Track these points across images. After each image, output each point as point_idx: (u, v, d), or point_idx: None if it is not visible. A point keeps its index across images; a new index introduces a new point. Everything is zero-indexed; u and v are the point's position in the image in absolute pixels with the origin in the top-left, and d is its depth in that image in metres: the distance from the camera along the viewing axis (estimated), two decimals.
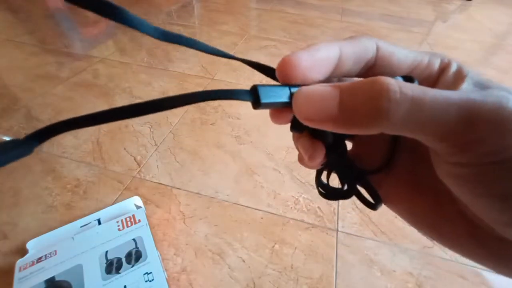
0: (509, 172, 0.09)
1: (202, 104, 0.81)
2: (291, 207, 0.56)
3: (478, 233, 0.11)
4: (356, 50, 0.12)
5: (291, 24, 1.36)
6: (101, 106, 0.78)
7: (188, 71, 0.95)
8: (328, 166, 0.16)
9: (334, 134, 0.14)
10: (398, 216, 0.52)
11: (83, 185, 0.57)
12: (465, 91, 0.10)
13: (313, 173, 0.63)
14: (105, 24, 1.24)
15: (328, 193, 0.16)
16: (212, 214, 0.54)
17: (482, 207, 0.10)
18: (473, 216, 0.11)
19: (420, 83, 0.12)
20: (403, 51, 0.13)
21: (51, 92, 0.82)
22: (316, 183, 0.16)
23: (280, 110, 0.13)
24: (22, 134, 0.67)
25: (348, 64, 0.12)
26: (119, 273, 0.42)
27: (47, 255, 0.43)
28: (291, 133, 0.15)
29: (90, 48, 1.05)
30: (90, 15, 1.32)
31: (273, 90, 0.11)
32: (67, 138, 0.67)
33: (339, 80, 0.15)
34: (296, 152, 0.15)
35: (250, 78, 0.92)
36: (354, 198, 0.15)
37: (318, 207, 0.56)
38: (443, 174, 0.11)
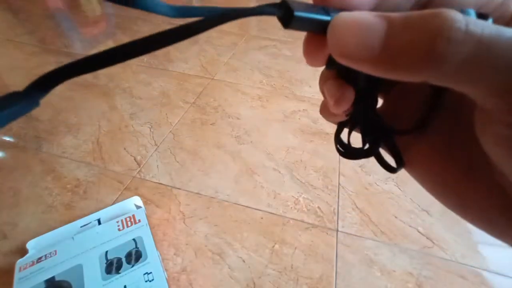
0: None
1: (202, 104, 0.81)
2: (291, 207, 0.56)
3: None
4: None
5: None
6: (101, 106, 0.78)
7: (188, 71, 0.95)
8: (353, 118, 0.14)
9: (367, 79, 0.12)
10: (398, 216, 0.52)
11: (83, 185, 0.57)
12: None
13: (312, 173, 0.63)
14: (105, 24, 1.24)
15: (347, 151, 0.14)
16: (212, 214, 0.54)
17: None
18: None
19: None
20: None
21: (51, 92, 0.81)
22: (335, 140, 0.15)
23: (316, 40, 0.11)
24: (22, 134, 0.67)
25: None
26: (119, 273, 0.42)
27: (47, 255, 0.43)
28: (291, 133, 0.15)
29: (90, 48, 1.05)
30: (90, 15, 1.32)
31: (307, 6, 0.09)
32: (67, 138, 0.67)
33: None
34: (296, 153, 0.15)
35: (250, 78, 0.92)
36: (354, 199, 0.14)
37: (318, 207, 0.56)
38: (488, 136, 0.09)
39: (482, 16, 0.09)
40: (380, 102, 0.14)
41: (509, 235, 0.10)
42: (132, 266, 0.43)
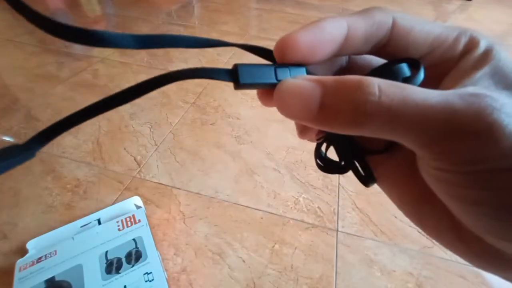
0: (485, 182, 0.09)
1: (202, 104, 0.81)
2: (291, 207, 0.56)
3: (460, 229, 0.11)
4: (368, 28, 0.11)
5: (291, 24, 1.36)
6: None
7: None
8: (327, 139, 0.16)
9: None
10: (398, 216, 0.52)
11: (83, 185, 0.57)
12: (449, 94, 0.09)
13: (312, 173, 0.63)
14: (105, 24, 1.25)
15: (326, 165, 0.16)
16: (212, 214, 0.53)
17: (457, 210, 0.10)
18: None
19: (437, 67, 0.12)
20: (426, 28, 0.11)
21: (51, 92, 0.82)
22: (315, 155, 0.16)
23: (267, 92, 0.12)
24: (22, 134, 0.67)
25: (356, 44, 0.11)
26: (119, 273, 0.42)
27: (47, 255, 0.43)
28: (291, 133, 0.15)
29: (90, 48, 1.05)
30: (90, 15, 1.32)
31: (257, 69, 0.11)
32: (67, 138, 0.67)
33: (347, 60, 0.14)
34: (296, 153, 0.15)
35: None
36: (354, 199, 0.15)
37: (318, 207, 0.56)
38: (423, 172, 0.11)
39: (415, 63, 0.11)
40: None
41: (463, 253, 0.11)
42: (132, 266, 0.43)
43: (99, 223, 0.49)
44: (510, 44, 1.37)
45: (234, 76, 0.11)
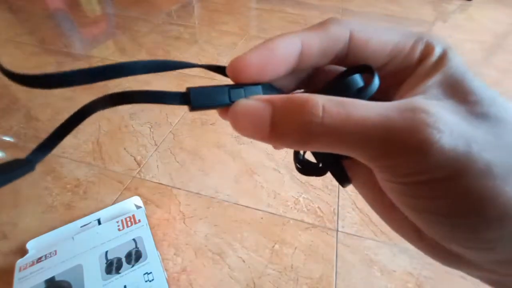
0: (424, 192, 0.09)
1: None
2: (291, 207, 0.56)
3: (420, 230, 0.11)
4: (323, 43, 0.11)
5: (291, 24, 1.36)
6: None
7: (188, 71, 0.95)
8: None
9: None
10: None
11: (83, 185, 0.57)
12: (390, 108, 0.09)
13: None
14: (105, 24, 1.25)
15: (304, 167, 0.16)
16: (212, 214, 0.54)
17: (411, 216, 0.11)
18: None
19: (396, 75, 0.12)
20: (384, 37, 0.11)
21: (51, 92, 0.82)
22: (294, 159, 0.17)
23: (225, 110, 0.12)
24: (22, 134, 0.67)
25: (313, 59, 0.12)
26: (119, 273, 0.42)
27: (47, 255, 0.43)
28: None
29: (90, 48, 1.05)
30: (90, 15, 1.32)
31: (211, 92, 0.11)
32: (67, 138, 0.67)
33: (309, 72, 0.14)
34: None
35: None
36: (354, 199, 0.15)
37: (318, 207, 0.56)
38: (379, 181, 0.11)
39: (369, 69, 0.11)
40: None
41: (424, 250, 0.12)
42: (132, 266, 0.43)
43: (99, 223, 0.49)
44: (510, 44, 1.37)
45: (187, 100, 0.11)
